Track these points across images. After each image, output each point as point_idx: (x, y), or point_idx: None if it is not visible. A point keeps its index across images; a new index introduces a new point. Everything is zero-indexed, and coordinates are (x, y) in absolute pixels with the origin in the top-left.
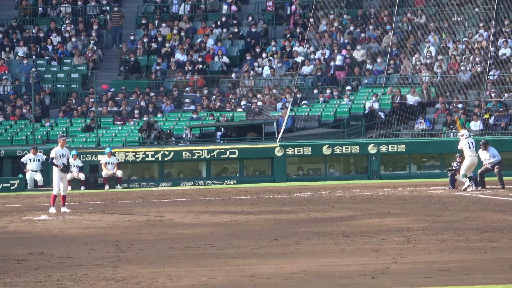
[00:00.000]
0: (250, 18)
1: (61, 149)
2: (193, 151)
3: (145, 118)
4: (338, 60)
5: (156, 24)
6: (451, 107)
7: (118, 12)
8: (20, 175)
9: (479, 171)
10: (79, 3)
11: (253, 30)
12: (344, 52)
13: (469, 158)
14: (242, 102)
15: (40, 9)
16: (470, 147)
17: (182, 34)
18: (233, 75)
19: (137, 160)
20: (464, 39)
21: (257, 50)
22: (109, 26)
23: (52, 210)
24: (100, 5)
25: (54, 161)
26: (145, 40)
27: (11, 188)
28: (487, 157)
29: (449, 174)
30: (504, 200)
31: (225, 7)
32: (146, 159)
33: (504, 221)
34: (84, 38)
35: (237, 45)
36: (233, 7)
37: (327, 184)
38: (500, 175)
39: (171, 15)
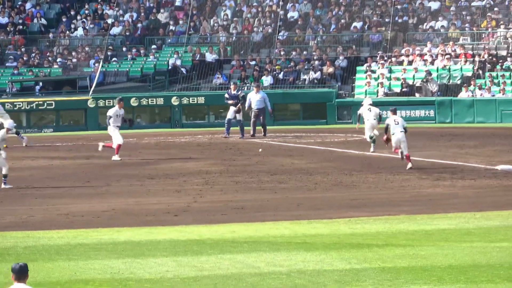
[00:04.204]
0: None
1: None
2: (15, 103)
3: None
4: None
5: None
6: (245, 63)
7: None
8: None
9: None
10: None
11: None
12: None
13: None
14: (59, 59)
15: None
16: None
17: None
18: (50, 35)
19: None
20: (255, 4)
21: (72, 12)
22: None
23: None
24: None
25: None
26: None
27: None
28: None
29: (226, 122)
30: (292, 146)
31: None
32: None
33: (292, 165)
34: None
35: (54, 8)
36: None
37: (134, 132)
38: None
39: None
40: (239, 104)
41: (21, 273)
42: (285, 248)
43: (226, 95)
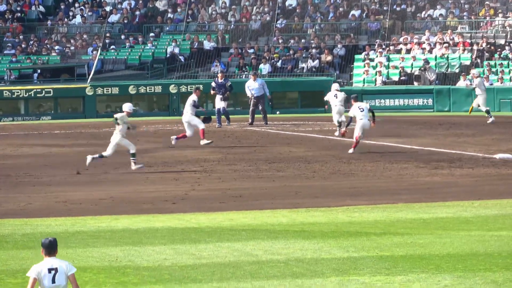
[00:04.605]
0: None
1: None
2: (13, 91)
3: None
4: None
5: None
6: (243, 51)
7: None
8: None
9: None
10: None
11: None
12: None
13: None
14: (57, 47)
15: None
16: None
17: None
18: (48, 23)
19: None
20: None
21: (70, 0)
22: None
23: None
24: None
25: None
26: None
27: None
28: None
29: (216, 112)
30: (290, 134)
31: None
32: None
33: (290, 153)
34: None
35: None
36: None
37: (132, 119)
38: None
39: None
40: (227, 93)
41: (51, 247)
42: (283, 236)
43: (213, 84)
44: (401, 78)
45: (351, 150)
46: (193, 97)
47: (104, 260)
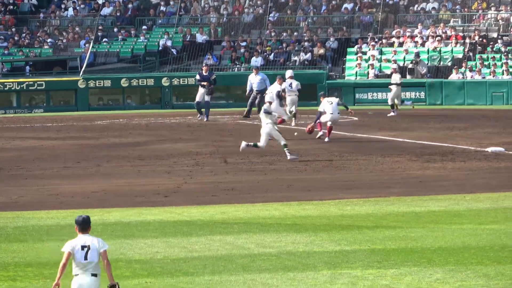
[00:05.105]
0: None
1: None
2: (5, 83)
3: None
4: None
5: None
6: (235, 44)
7: None
8: None
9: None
10: None
11: None
12: None
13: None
14: (49, 40)
15: None
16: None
17: None
18: (41, 15)
19: None
20: None
21: None
22: None
23: None
24: None
25: None
26: None
27: None
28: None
29: (195, 104)
30: (282, 127)
31: None
32: None
33: (282, 146)
34: None
35: None
36: None
37: (124, 113)
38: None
39: None
40: (211, 86)
41: (84, 224)
42: (275, 229)
43: (197, 76)
44: None
45: (326, 139)
46: (277, 87)
47: None
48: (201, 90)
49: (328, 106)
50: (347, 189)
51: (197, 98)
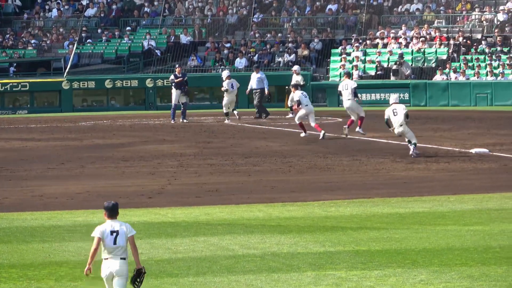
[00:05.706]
0: None
1: None
2: None
3: None
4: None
5: None
6: (219, 46)
7: None
8: None
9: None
10: None
11: None
12: None
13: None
14: (33, 41)
15: None
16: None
17: None
18: (25, 16)
19: None
20: None
21: None
22: None
23: None
24: None
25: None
26: None
27: None
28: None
29: (172, 108)
30: (267, 128)
31: None
32: None
33: (266, 147)
34: None
35: None
36: None
37: (109, 114)
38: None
39: None
40: (187, 87)
41: (113, 210)
42: (259, 230)
43: (172, 77)
44: (378, 72)
45: (302, 134)
46: (353, 84)
47: (80, 255)
48: (175, 93)
49: (303, 98)
50: (331, 190)
51: (174, 101)
